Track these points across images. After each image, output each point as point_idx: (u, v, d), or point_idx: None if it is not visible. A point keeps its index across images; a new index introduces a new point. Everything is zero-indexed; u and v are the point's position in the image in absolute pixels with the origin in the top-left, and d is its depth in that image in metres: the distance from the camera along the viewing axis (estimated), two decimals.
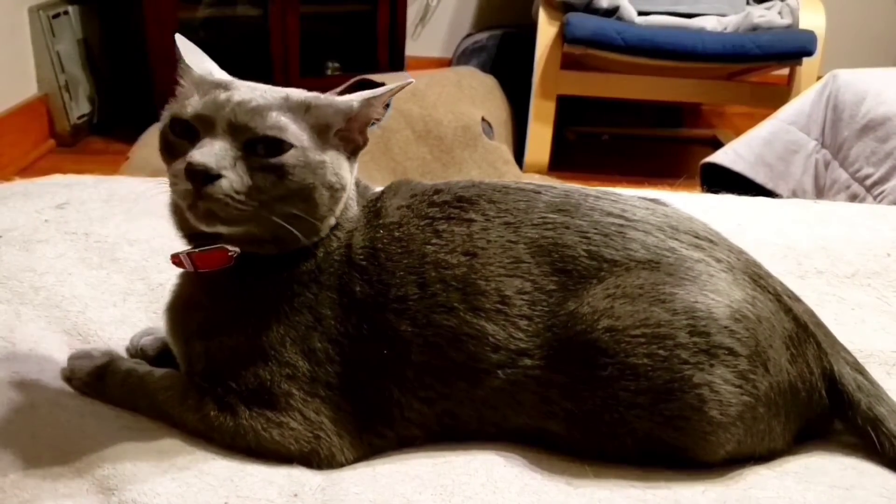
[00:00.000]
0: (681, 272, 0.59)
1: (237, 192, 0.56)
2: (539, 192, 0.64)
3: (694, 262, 0.60)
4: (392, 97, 0.62)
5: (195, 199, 0.56)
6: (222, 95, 0.59)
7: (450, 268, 0.60)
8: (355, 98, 0.62)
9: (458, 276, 0.60)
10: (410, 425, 0.62)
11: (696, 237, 0.62)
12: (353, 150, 0.63)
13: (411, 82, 0.62)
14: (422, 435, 0.62)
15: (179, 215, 0.62)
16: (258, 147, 0.58)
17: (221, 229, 0.59)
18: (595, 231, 0.60)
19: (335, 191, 0.61)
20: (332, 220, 0.63)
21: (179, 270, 0.65)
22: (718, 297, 0.59)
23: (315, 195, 0.60)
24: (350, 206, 0.64)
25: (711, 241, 0.63)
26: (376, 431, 0.62)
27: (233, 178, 0.56)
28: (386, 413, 0.61)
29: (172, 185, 0.58)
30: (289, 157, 0.58)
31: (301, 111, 0.60)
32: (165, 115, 0.61)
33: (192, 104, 0.59)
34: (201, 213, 0.57)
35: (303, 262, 0.62)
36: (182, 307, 0.64)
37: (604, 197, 0.64)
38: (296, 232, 0.59)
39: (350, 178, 0.63)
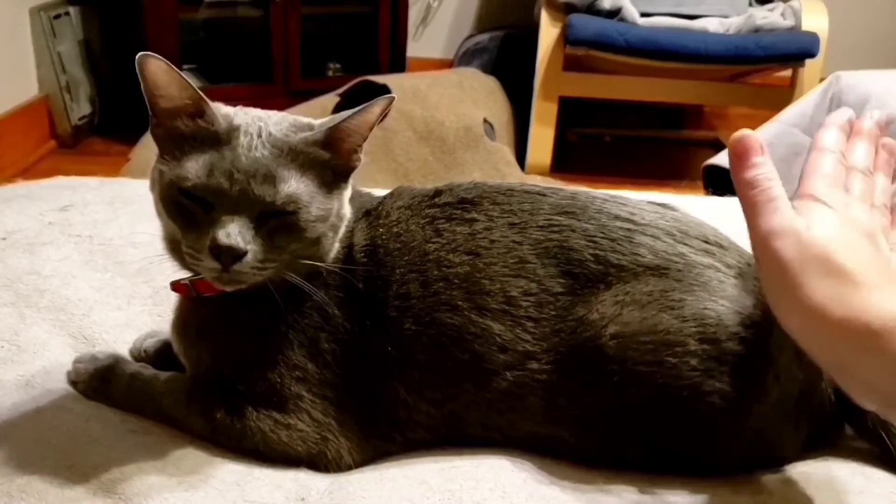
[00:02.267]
0: (690, 278, 0.59)
1: (261, 262, 0.57)
2: (544, 195, 0.63)
3: (704, 267, 0.60)
4: (377, 118, 0.59)
5: (221, 272, 0.56)
6: (227, 156, 0.56)
7: (452, 266, 0.60)
8: (321, 130, 0.59)
9: (461, 274, 0.60)
10: (418, 428, 0.61)
11: (706, 242, 0.62)
12: (345, 174, 0.62)
13: (393, 98, 0.60)
14: (430, 438, 0.62)
15: (182, 256, 0.60)
16: (273, 214, 0.57)
17: (242, 287, 0.59)
18: (602, 235, 0.60)
19: (336, 228, 0.61)
20: (337, 245, 0.62)
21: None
22: (728, 303, 0.59)
23: (323, 240, 0.60)
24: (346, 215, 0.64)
25: (721, 247, 0.63)
26: (384, 434, 0.62)
27: (256, 251, 0.56)
28: (393, 415, 0.61)
29: (192, 258, 0.57)
30: (303, 217, 0.57)
31: (301, 157, 0.58)
32: (165, 177, 0.58)
33: (199, 168, 0.56)
34: (225, 282, 0.57)
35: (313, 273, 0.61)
36: (187, 329, 0.64)
37: (611, 200, 0.63)
38: (311, 265, 0.59)
39: (347, 204, 0.63)
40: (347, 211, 0.63)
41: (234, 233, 0.55)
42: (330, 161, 0.60)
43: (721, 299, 0.58)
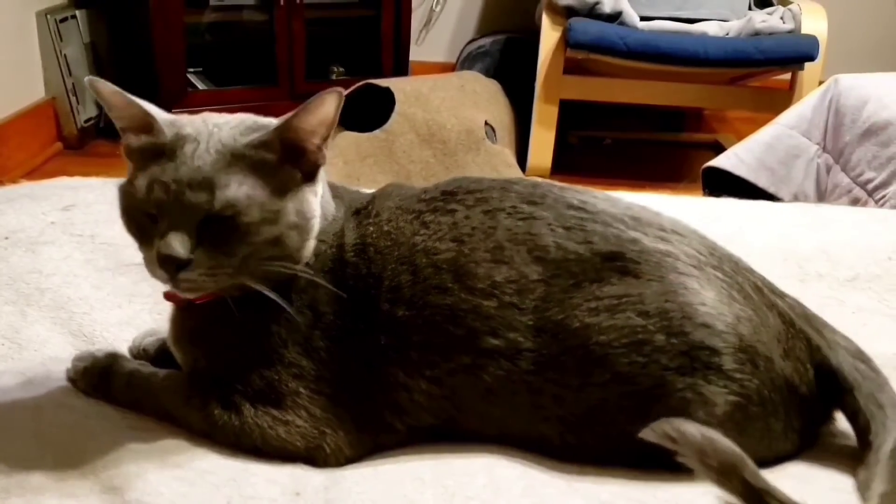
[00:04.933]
0: (647, 270, 0.59)
1: (211, 269, 0.58)
2: (511, 183, 0.65)
3: (661, 255, 0.60)
4: (331, 113, 0.59)
5: (172, 282, 0.58)
6: (168, 168, 0.58)
7: (439, 253, 0.61)
8: (273, 127, 0.60)
9: (448, 259, 0.61)
10: (420, 411, 0.62)
11: (662, 230, 0.62)
12: (309, 173, 0.62)
13: (341, 92, 0.59)
14: (433, 422, 0.62)
15: None
16: (215, 220, 0.58)
17: (206, 293, 0.60)
18: (557, 224, 0.61)
19: (302, 228, 0.61)
20: (311, 244, 0.63)
21: None
22: (690, 295, 0.59)
23: (283, 240, 0.60)
24: (327, 211, 0.64)
25: (679, 235, 0.63)
26: (385, 425, 0.62)
27: (202, 259, 0.57)
28: (394, 401, 0.61)
29: (148, 269, 0.60)
30: (244, 221, 0.58)
31: (246, 161, 0.59)
32: (122, 190, 0.61)
33: (138, 187, 0.58)
34: (183, 291, 0.59)
35: (296, 274, 0.62)
36: (183, 338, 0.65)
37: (568, 189, 0.65)
38: (278, 270, 0.60)
39: (316, 201, 0.63)
40: (316, 209, 0.63)
41: (175, 243, 0.57)
42: (283, 161, 0.60)
43: (682, 290, 0.59)
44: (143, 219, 0.59)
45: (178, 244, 0.57)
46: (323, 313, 0.62)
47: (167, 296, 0.64)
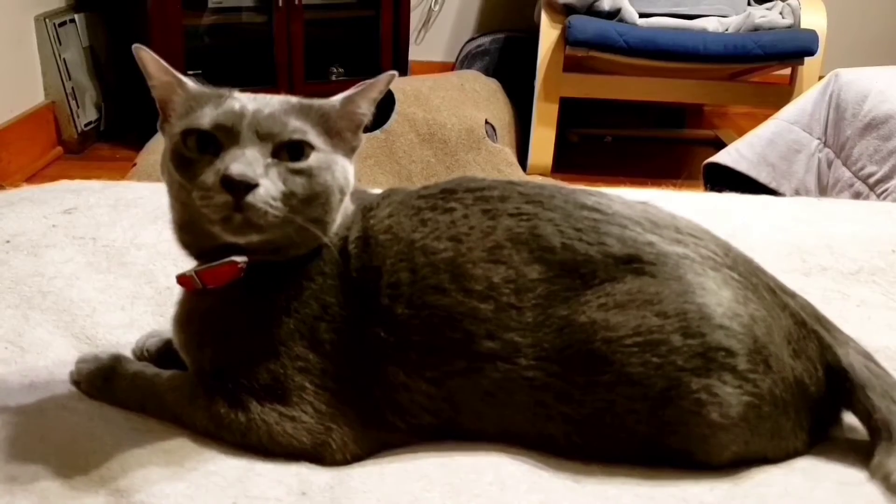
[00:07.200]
0: (665, 271, 0.59)
1: (274, 199, 0.57)
2: (515, 184, 0.65)
3: (678, 258, 0.60)
4: (380, 94, 0.63)
5: (232, 211, 0.56)
6: (236, 104, 0.60)
7: (437, 252, 0.61)
8: (337, 98, 0.63)
9: (446, 259, 0.61)
10: (421, 411, 0.61)
11: (678, 232, 0.62)
12: (348, 151, 0.64)
13: (394, 75, 0.64)
14: (433, 422, 0.62)
15: (193, 232, 0.62)
16: (283, 153, 0.59)
17: (253, 238, 0.59)
18: (567, 224, 0.61)
19: (343, 194, 0.63)
20: (339, 220, 0.64)
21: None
22: (708, 295, 0.58)
23: (331, 198, 0.61)
24: (347, 205, 0.66)
25: (695, 237, 0.62)
26: (387, 423, 0.62)
27: (269, 186, 0.57)
28: (395, 400, 0.61)
29: (204, 198, 0.57)
30: (313, 160, 0.60)
31: (306, 114, 0.61)
32: (174, 132, 0.61)
33: (207, 115, 0.59)
34: (236, 225, 0.57)
35: (307, 260, 0.63)
36: (190, 320, 0.65)
37: (579, 191, 0.64)
38: (317, 233, 0.61)
39: (352, 178, 0.65)
40: (351, 184, 0.65)
41: (246, 161, 0.57)
42: (339, 128, 0.63)
43: (700, 291, 0.58)
44: (200, 157, 0.58)
45: (249, 164, 0.56)
46: (329, 304, 0.62)
47: (180, 280, 0.64)
